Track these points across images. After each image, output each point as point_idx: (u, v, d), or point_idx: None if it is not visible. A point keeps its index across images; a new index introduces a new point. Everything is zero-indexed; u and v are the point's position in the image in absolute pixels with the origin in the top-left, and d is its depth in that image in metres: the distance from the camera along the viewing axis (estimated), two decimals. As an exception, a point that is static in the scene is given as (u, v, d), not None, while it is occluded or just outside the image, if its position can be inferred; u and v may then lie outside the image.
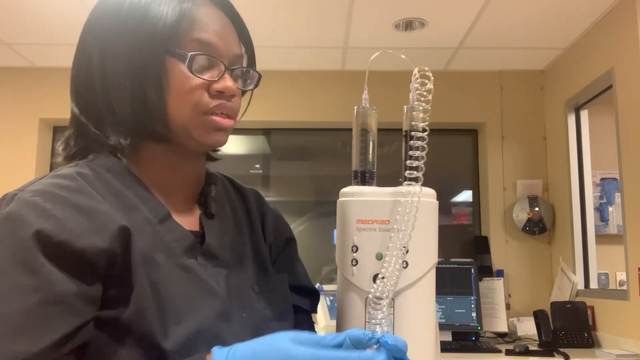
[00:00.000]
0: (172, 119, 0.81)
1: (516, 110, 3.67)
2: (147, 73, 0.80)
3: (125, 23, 0.82)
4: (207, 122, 0.82)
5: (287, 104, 3.70)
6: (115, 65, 0.81)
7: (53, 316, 0.66)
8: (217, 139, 0.83)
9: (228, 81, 0.83)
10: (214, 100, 0.82)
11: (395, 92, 2.10)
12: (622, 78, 2.81)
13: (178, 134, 0.82)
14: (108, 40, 0.82)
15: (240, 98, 0.88)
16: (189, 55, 0.80)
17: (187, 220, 0.86)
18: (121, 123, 0.82)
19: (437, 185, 0.81)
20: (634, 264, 2.66)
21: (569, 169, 3.30)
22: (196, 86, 0.81)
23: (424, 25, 3.08)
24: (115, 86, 0.81)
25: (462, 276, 3.14)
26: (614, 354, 2.64)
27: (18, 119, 3.65)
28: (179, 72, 0.80)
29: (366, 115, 0.83)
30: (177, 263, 0.78)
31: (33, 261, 0.67)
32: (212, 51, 0.82)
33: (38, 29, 3.14)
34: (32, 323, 0.65)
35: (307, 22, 3.07)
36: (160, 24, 0.80)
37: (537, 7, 2.89)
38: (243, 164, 4.02)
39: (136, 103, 0.81)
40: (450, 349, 2.85)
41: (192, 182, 0.90)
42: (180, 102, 0.80)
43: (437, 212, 0.79)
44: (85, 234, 0.70)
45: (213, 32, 0.82)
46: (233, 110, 0.84)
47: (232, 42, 0.86)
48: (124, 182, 0.81)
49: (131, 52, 0.80)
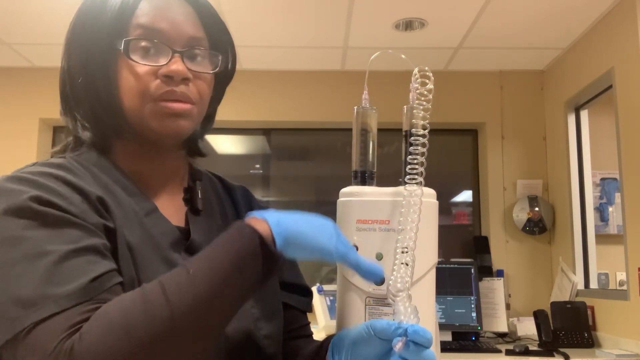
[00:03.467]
0: (127, 112, 0.80)
1: (516, 110, 3.67)
2: (95, 68, 0.80)
3: (84, 21, 0.82)
4: (157, 109, 0.79)
5: (287, 104, 3.70)
6: (72, 63, 0.83)
7: (82, 263, 0.66)
8: (174, 126, 0.80)
9: (175, 64, 0.79)
10: (164, 87, 0.79)
11: (395, 92, 2.10)
12: (622, 78, 2.81)
13: (136, 125, 0.81)
14: (69, 38, 0.84)
15: (206, 83, 0.84)
16: (124, 41, 0.78)
17: (173, 215, 0.85)
18: (86, 120, 0.83)
19: (437, 185, 0.81)
20: (634, 264, 2.66)
21: (569, 169, 3.30)
22: (143, 73, 0.79)
23: (424, 25, 3.08)
24: (74, 84, 0.82)
25: (462, 276, 3.14)
26: (614, 354, 2.64)
27: (18, 119, 3.65)
28: (125, 62, 0.79)
29: (366, 115, 0.83)
30: (163, 256, 0.78)
31: (45, 216, 0.68)
32: (157, 35, 0.79)
33: (38, 29, 3.14)
34: (65, 270, 0.65)
35: (307, 22, 3.07)
36: (106, 16, 0.79)
37: (537, 7, 2.89)
38: (243, 164, 4.02)
39: (92, 99, 0.81)
40: (450, 349, 2.85)
41: (174, 178, 0.89)
42: (130, 92, 0.79)
43: (437, 212, 0.79)
44: (89, 211, 0.71)
45: (157, 15, 0.80)
46: (186, 95, 0.80)
47: (185, 25, 0.81)
48: (110, 176, 0.81)
49: (84, 49, 0.81)
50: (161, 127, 0.80)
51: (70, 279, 0.65)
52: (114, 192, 0.79)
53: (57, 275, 0.64)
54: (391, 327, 0.65)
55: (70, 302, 0.63)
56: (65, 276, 0.65)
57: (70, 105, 0.84)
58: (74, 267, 0.65)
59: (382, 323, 0.66)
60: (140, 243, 0.76)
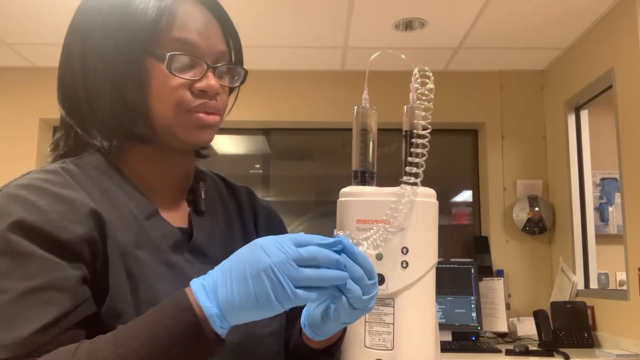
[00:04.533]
0: (155, 120, 0.80)
1: (516, 110, 3.67)
2: (126, 74, 0.79)
3: (105, 23, 0.81)
4: (190, 120, 0.80)
5: (287, 104, 3.70)
6: (95, 66, 0.81)
7: (37, 304, 0.66)
8: (203, 137, 0.82)
9: (211, 80, 0.81)
10: (197, 100, 0.80)
11: (395, 92, 2.10)
12: (622, 78, 2.81)
13: (162, 133, 0.81)
14: (88, 40, 0.82)
15: (227, 95, 0.87)
16: (167, 56, 0.78)
17: (176, 217, 0.85)
18: (103, 124, 0.82)
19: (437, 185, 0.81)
20: (634, 264, 2.66)
21: (569, 169, 3.30)
22: (177, 86, 0.79)
23: (424, 25, 3.08)
24: (95, 88, 0.81)
25: (462, 276, 3.14)
26: (614, 354, 2.64)
27: (18, 119, 3.65)
28: (159, 72, 0.79)
29: (366, 115, 0.83)
30: (163, 259, 0.78)
31: (18, 248, 0.67)
32: (193, 50, 0.80)
33: (38, 29, 3.14)
34: (17, 312, 0.65)
35: (307, 22, 3.07)
36: (139, 23, 0.79)
37: (537, 7, 2.89)
38: (243, 164, 4.02)
39: (116, 105, 0.80)
40: (450, 349, 2.85)
41: (180, 180, 0.89)
42: (162, 102, 0.79)
43: (437, 212, 0.79)
44: (69, 224, 0.70)
45: (194, 30, 0.81)
46: (217, 108, 0.83)
47: (215, 39, 0.83)
48: (111, 179, 0.80)
49: (110, 52, 0.80)
50: (190, 137, 0.81)
51: (16, 324, 0.64)
52: (113, 196, 0.78)
53: (4, 318, 0.64)
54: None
55: (6, 352, 0.63)
56: (12, 320, 0.64)
57: (81, 107, 0.83)
58: (25, 311, 0.65)
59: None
60: (137, 248, 0.76)
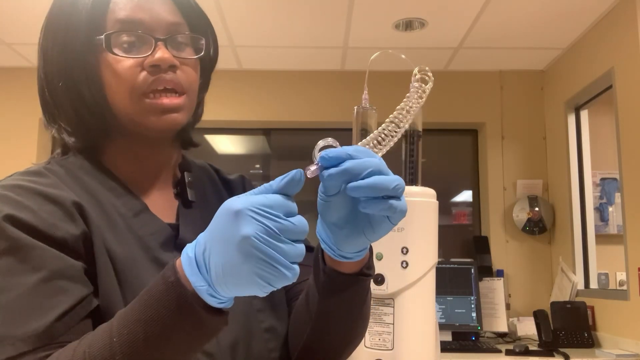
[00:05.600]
0: (117, 111, 0.78)
1: (516, 110, 3.67)
2: (77, 70, 0.78)
3: (53, 23, 0.80)
4: (149, 106, 0.77)
5: (287, 104, 3.70)
6: (50, 67, 0.80)
7: (49, 294, 0.65)
8: (168, 121, 0.78)
9: (160, 52, 0.76)
10: (151, 77, 0.76)
11: (395, 92, 2.10)
12: (622, 78, 2.81)
13: (127, 124, 0.79)
14: (43, 43, 0.81)
15: (193, 68, 0.82)
16: (104, 36, 0.76)
17: (165, 212, 0.83)
18: (70, 124, 0.81)
19: (437, 185, 0.81)
20: (634, 264, 2.66)
21: (569, 169, 3.30)
22: (127, 67, 0.76)
23: (424, 25, 3.08)
24: (55, 89, 0.80)
25: (462, 276, 3.14)
26: (614, 354, 2.63)
27: (18, 118, 3.65)
28: (107, 60, 0.77)
29: (366, 115, 0.83)
30: (152, 257, 0.76)
31: (18, 241, 0.67)
32: (136, 26, 0.76)
33: (38, 29, 3.14)
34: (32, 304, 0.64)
35: (307, 22, 3.07)
36: (81, 17, 0.77)
37: (537, 7, 2.89)
38: (243, 164, 4.02)
39: (76, 103, 0.79)
40: (450, 349, 2.85)
41: (164, 171, 0.86)
42: (118, 91, 0.77)
43: (437, 212, 0.79)
44: (59, 222, 0.69)
45: (134, 6, 0.77)
46: (176, 82, 0.78)
47: (163, 11, 0.79)
48: (96, 179, 0.79)
49: (60, 53, 0.79)
50: (155, 123, 0.78)
51: (33, 316, 0.63)
52: (99, 195, 0.77)
53: (20, 312, 0.63)
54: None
55: (27, 345, 0.62)
56: (28, 313, 0.64)
57: (53, 112, 0.82)
58: (39, 302, 0.64)
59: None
60: (125, 247, 0.74)
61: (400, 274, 0.75)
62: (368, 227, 0.65)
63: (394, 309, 0.75)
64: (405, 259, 0.75)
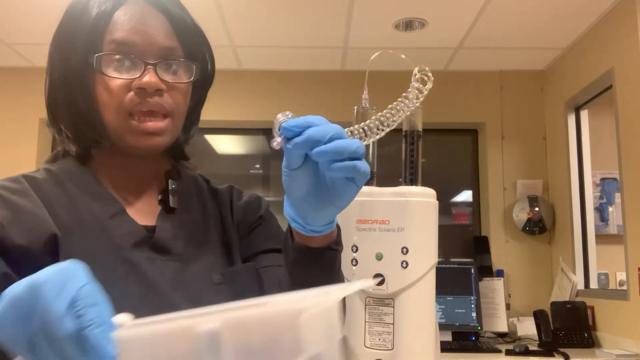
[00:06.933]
0: (107, 127, 0.82)
1: (516, 110, 3.67)
2: (75, 84, 0.82)
3: (60, 32, 0.85)
4: (134, 126, 0.81)
5: (287, 104, 3.70)
6: (54, 77, 0.85)
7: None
8: (150, 142, 0.82)
9: (148, 77, 0.80)
10: (137, 99, 0.80)
11: (395, 92, 2.10)
12: (622, 78, 2.81)
13: (115, 140, 0.83)
14: (51, 50, 0.87)
15: (181, 93, 0.84)
16: (95, 57, 0.79)
17: (145, 215, 0.86)
18: (69, 130, 0.86)
19: (437, 185, 0.81)
20: (634, 264, 2.66)
21: (569, 169, 3.30)
22: (116, 87, 0.80)
23: (424, 25, 3.08)
24: (56, 98, 0.85)
25: (462, 276, 3.14)
26: (614, 354, 2.64)
27: (18, 119, 3.65)
28: (100, 77, 0.81)
29: (366, 115, 0.83)
30: (122, 257, 0.79)
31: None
32: (129, 49, 0.80)
33: (38, 29, 3.14)
34: None
35: (307, 22, 3.07)
36: (82, 31, 0.81)
37: (537, 7, 2.89)
38: (243, 164, 4.02)
39: (72, 113, 0.84)
40: (450, 349, 2.85)
41: (151, 181, 0.89)
42: (108, 108, 0.81)
43: (437, 212, 0.79)
44: (6, 227, 0.73)
45: (130, 29, 0.80)
46: (159, 106, 0.81)
47: (158, 36, 0.82)
48: (79, 183, 0.83)
49: (62, 64, 0.83)
50: (137, 143, 0.82)
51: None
52: (75, 199, 0.81)
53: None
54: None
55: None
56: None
57: (55, 117, 0.87)
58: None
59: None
60: (94, 247, 0.77)
61: (400, 274, 0.75)
62: (334, 194, 0.68)
63: (394, 309, 0.75)
64: (405, 259, 0.75)
